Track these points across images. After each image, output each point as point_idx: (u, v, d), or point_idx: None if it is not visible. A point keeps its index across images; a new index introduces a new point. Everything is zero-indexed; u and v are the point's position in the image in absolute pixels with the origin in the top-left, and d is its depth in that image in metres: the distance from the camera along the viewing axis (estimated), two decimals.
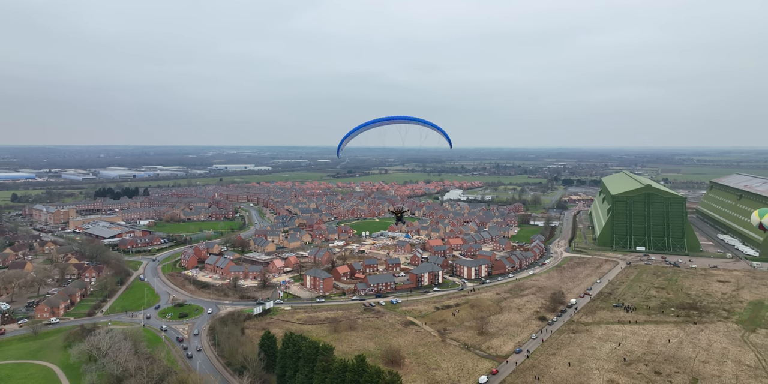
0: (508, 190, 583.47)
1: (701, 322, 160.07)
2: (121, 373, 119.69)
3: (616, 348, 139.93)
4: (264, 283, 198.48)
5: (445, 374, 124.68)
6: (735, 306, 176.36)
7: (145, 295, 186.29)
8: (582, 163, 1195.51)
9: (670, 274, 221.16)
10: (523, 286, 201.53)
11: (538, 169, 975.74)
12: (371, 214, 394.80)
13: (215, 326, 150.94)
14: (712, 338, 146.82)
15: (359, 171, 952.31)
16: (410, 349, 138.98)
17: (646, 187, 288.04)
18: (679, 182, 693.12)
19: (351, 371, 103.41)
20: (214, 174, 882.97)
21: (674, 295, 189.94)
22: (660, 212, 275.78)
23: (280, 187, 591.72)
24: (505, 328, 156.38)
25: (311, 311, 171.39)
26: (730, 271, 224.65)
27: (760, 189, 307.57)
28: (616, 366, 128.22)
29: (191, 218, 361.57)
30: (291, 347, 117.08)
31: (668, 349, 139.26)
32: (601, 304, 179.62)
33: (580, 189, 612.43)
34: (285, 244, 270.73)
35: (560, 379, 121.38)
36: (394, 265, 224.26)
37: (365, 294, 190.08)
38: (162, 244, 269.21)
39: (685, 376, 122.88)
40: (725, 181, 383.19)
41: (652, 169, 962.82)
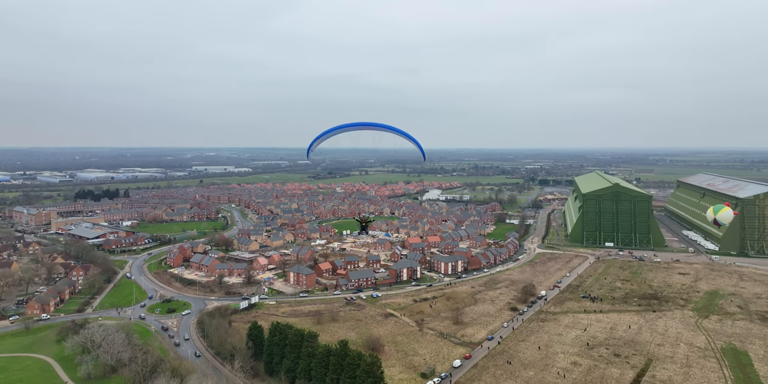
0: (486, 190, 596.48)
1: (660, 310, 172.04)
2: (115, 363, 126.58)
3: (580, 334, 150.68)
4: (249, 280, 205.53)
5: (422, 359, 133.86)
6: (692, 295, 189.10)
7: (133, 292, 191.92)
8: (559, 163, 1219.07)
9: (636, 267, 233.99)
10: (497, 280, 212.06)
11: (516, 170, 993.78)
12: (352, 214, 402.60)
13: (203, 320, 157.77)
14: (669, 324, 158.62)
15: (340, 172, 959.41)
16: (390, 337, 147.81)
17: (615, 185, 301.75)
18: (650, 182, 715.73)
19: (334, 355, 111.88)
20: (193, 176, 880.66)
21: (638, 286, 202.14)
22: (628, 209, 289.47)
23: (261, 188, 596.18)
24: (479, 318, 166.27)
25: (295, 305, 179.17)
26: (691, 264, 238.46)
27: (722, 187, 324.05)
28: (580, 350, 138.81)
29: (174, 219, 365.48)
30: (278, 336, 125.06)
31: (628, 334, 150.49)
32: (570, 295, 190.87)
33: (555, 189, 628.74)
34: (268, 242, 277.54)
35: (528, 362, 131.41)
36: (374, 261, 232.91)
37: (347, 289, 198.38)
38: (146, 244, 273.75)
39: (642, 357, 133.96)
40: (691, 180, 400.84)
41: (626, 169, 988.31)
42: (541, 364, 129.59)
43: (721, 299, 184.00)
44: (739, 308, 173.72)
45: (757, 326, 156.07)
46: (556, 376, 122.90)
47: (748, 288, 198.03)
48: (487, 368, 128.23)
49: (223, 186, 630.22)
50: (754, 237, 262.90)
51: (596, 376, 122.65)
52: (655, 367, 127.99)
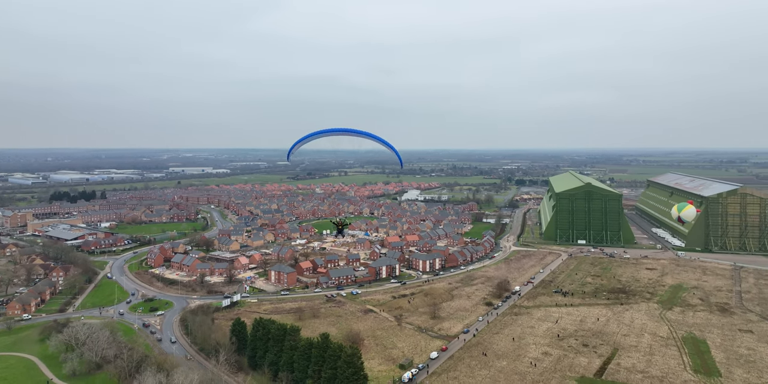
0: (464, 191, 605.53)
1: (627, 303, 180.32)
2: (100, 360, 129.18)
3: (552, 326, 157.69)
4: (230, 279, 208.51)
5: (401, 352, 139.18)
6: (658, 289, 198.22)
7: (114, 291, 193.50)
8: (535, 164, 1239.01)
9: (606, 263, 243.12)
10: (474, 277, 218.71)
11: (493, 170, 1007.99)
12: (332, 214, 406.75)
13: (186, 317, 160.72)
14: (635, 316, 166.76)
15: (319, 173, 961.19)
16: (369, 332, 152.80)
17: (587, 185, 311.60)
18: (623, 181, 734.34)
19: (316, 348, 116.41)
20: (171, 177, 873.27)
21: (607, 281, 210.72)
22: (599, 208, 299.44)
23: (240, 189, 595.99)
24: (456, 312, 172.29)
25: (276, 303, 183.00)
26: (658, 260, 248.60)
27: (688, 186, 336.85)
28: (551, 341, 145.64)
29: (153, 220, 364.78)
30: (261, 330, 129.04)
31: (596, 326, 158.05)
32: (542, 290, 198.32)
33: (532, 189, 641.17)
34: (249, 242, 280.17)
35: (502, 352, 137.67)
36: (354, 260, 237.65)
37: (327, 286, 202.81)
38: (126, 244, 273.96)
39: (608, 347, 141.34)
40: (660, 179, 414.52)
41: (601, 169, 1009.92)
42: (513, 355, 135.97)
43: (684, 292, 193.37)
44: (700, 300, 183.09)
45: (715, 317, 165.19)
46: (528, 365, 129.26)
47: (709, 281, 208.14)
48: (463, 359, 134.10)
49: (201, 187, 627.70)
50: (718, 234, 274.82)
51: (565, 365, 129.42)
52: (621, 355, 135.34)
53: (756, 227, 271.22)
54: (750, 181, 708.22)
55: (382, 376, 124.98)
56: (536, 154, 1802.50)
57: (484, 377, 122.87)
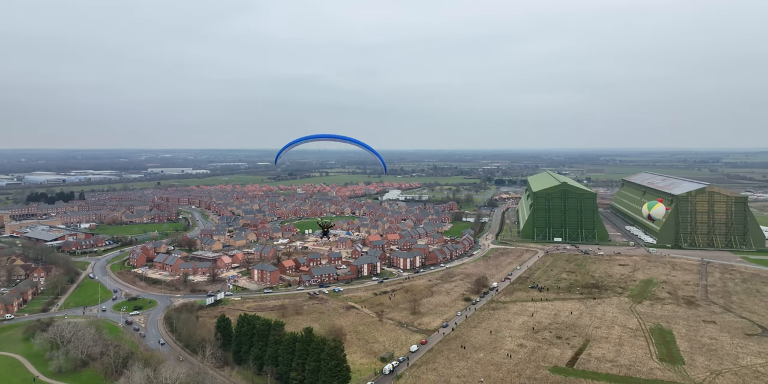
0: (444, 190, 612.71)
1: (600, 298, 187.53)
2: (86, 358, 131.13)
3: (527, 320, 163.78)
4: (213, 278, 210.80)
5: (382, 346, 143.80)
6: (629, 284, 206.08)
7: (97, 291, 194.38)
8: (515, 164, 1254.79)
9: (581, 260, 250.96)
10: (453, 274, 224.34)
11: (474, 170, 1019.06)
12: (313, 214, 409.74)
13: (170, 315, 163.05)
14: (606, 309, 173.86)
15: (300, 173, 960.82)
16: (351, 327, 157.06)
17: (563, 184, 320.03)
18: (600, 181, 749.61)
19: (300, 341, 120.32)
20: (150, 178, 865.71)
21: (581, 277, 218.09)
22: (575, 206, 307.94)
23: (221, 190, 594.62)
24: (435, 308, 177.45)
25: (260, 300, 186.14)
26: (630, 257, 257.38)
27: (660, 185, 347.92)
28: (526, 333, 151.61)
29: (133, 221, 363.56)
30: (246, 326, 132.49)
31: (570, 319, 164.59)
32: (519, 286, 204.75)
33: (511, 188, 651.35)
34: (231, 242, 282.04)
35: (479, 345, 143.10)
36: (336, 258, 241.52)
37: (310, 284, 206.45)
38: (107, 245, 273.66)
39: (580, 338, 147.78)
40: (634, 178, 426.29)
41: (579, 169, 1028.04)
42: (490, 347, 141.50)
43: (654, 287, 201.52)
44: (668, 294, 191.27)
45: (682, 309, 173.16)
46: (504, 356, 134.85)
47: (678, 276, 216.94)
48: (442, 352, 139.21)
49: (181, 188, 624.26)
50: (687, 231, 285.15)
51: (539, 356, 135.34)
52: (592, 346, 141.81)
53: (723, 224, 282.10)
54: (721, 180, 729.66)
55: (364, 368, 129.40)
56: (516, 155, 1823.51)
57: (461, 368, 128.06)
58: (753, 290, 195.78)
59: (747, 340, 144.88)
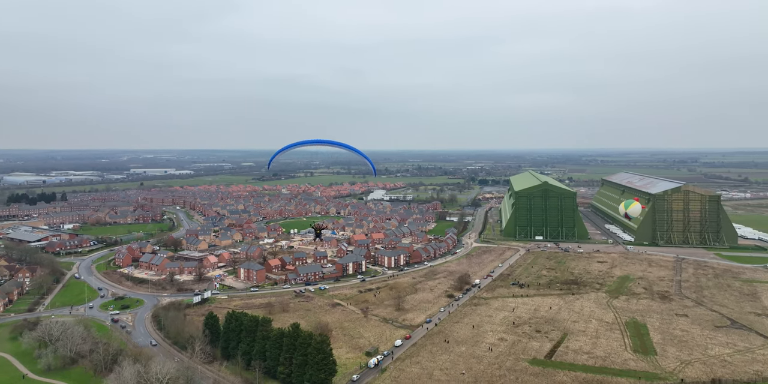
0: (429, 190, 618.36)
1: (578, 293, 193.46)
2: (75, 355, 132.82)
3: (508, 315, 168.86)
4: (200, 277, 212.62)
5: (367, 341, 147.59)
6: (607, 280, 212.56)
7: (84, 291, 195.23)
8: (498, 164, 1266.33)
9: (561, 257, 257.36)
10: (436, 272, 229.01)
11: (458, 171, 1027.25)
12: (299, 214, 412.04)
13: (158, 313, 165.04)
14: (584, 304, 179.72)
15: (285, 174, 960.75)
16: (337, 324, 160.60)
17: (544, 184, 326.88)
18: (581, 181, 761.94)
19: (287, 337, 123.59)
20: (132, 179, 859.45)
21: (561, 274, 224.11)
22: (555, 205, 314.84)
23: (205, 190, 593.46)
24: (419, 304, 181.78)
25: (246, 299, 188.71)
26: (609, 254, 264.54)
27: (638, 184, 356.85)
28: (507, 328, 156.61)
29: (117, 221, 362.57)
30: (233, 322, 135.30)
31: (549, 314, 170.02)
32: (500, 283, 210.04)
33: (494, 188, 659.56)
34: (217, 242, 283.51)
35: (462, 339, 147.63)
36: (321, 257, 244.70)
37: (296, 283, 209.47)
38: (92, 245, 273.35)
39: (559, 332, 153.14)
40: (613, 178, 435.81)
41: (561, 169, 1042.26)
42: (472, 341, 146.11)
43: (630, 282, 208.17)
44: (644, 289, 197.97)
45: (656, 303, 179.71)
46: (485, 350, 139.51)
47: (653, 272, 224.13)
48: (425, 346, 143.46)
49: (165, 188, 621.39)
50: (663, 228, 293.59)
51: (519, 349, 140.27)
52: (569, 339, 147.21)
53: (697, 222, 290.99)
54: (699, 179, 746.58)
55: (350, 362, 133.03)
56: (499, 155, 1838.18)
57: (444, 361, 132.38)
58: (724, 285, 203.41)
59: (716, 332, 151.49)
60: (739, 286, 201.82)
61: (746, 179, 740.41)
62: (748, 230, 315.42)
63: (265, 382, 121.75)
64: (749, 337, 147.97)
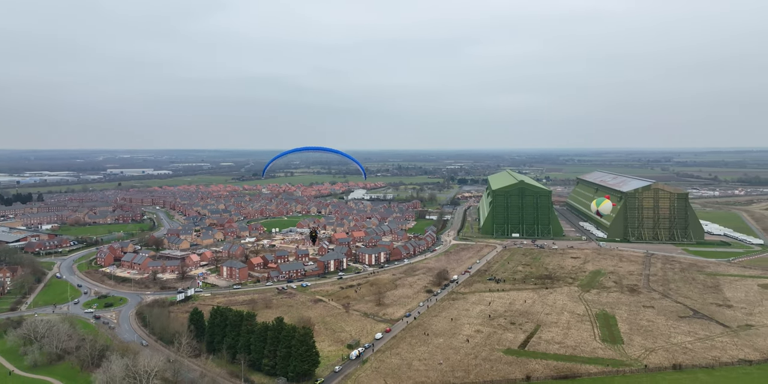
0: (409, 189, 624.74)
1: (552, 288, 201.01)
2: (60, 352, 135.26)
3: (485, 308, 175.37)
4: (183, 276, 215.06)
5: (349, 335, 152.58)
6: (579, 275, 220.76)
7: (66, 290, 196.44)
8: (478, 163, 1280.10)
9: (536, 254, 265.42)
10: (416, 268, 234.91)
11: (437, 170, 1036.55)
12: (279, 213, 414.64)
13: (142, 311, 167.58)
14: (557, 298, 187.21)
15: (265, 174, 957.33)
16: (319, 318, 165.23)
17: (520, 182, 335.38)
18: (558, 180, 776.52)
19: (271, 330, 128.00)
20: (110, 179, 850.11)
21: (536, 269, 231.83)
22: (531, 203, 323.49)
23: (185, 190, 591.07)
24: (399, 299, 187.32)
25: (229, 296, 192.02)
26: (582, 250, 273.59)
27: (611, 183, 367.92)
28: (483, 320, 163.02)
29: (96, 222, 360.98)
30: (218, 318, 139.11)
31: (524, 307, 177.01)
32: (478, 278, 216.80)
33: (473, 187, 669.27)
34: (198, 241, 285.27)
35: (440, 331, 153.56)
36: (303, 255, 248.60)
37: (278, 280, 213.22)
38: (72, 245, 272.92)
39: (532, 324, 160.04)
40: (587, 177, 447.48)
41: (539, 169, 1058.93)
42: (450, 333, 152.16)
43: (602, 277, 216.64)
44: (614, 283, 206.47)
45: (625, 296, 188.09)
46: (462, 341, 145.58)
47: (624, 267, 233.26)
48: (405, 338, 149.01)
49: (143, 189, 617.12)
50: (635, 225, 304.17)
51: (494, 340, 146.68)
52: (542, 330, 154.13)
53: (666, 219, 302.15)
54: (671, 178, 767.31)
55: (332, 355, 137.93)
56: (479, 155, 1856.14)
57: (423, 352, 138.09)
58: (689, 278, 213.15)
59: (679, 322, 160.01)
60: (703, 279, 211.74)
61: (716, 178, 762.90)
62: (715, 227, 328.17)
63: (250, 374, 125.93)
64: (710, 326, 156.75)
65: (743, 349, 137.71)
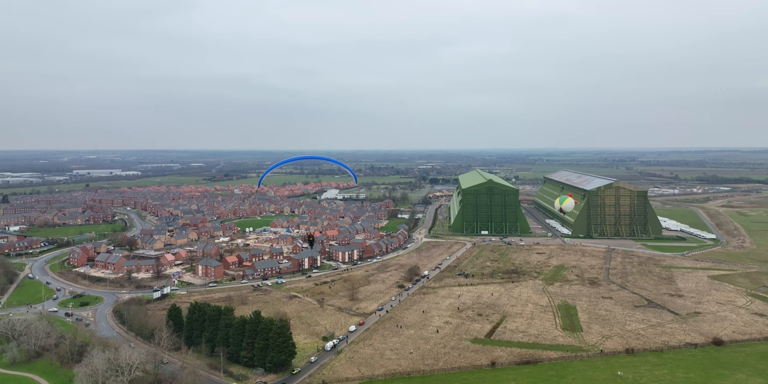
0: (381, 189, 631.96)
1: (518, 281, 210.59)
2: (39, 349, 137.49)
3: (454, 301, 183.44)
4: (158, 275, 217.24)
5: (324, 328, 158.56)
6: (544, 269, 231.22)
7: (39, 290, 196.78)
8: (449, 163, 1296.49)
9: (504, 250, 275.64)
10: (388, 265, 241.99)
11: (410, 170, 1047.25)
12: (253, 213, 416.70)
13: (119, 309, 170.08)
14: (522, 291, 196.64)
15: (236, 174, 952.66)
16: (295, 313, 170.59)
17: (489, 181, 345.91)
18: (527, 179, 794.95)
19: (249, 323, 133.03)
20: (76, 180, 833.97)
21: (503, 264, 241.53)
22: (499, 202, 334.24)
23: (155, 191, 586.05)
24: (372, 294, 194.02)
25: (206, 293, 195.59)
26: (547, 246, 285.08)
27: (576, 181, 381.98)
28: (452, 313, 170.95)
29: (66, 223, 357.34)
30: (197, 313, 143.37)
31: (491, 299, 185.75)
32: (448, 273, 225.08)
33: (444, 187, 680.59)
34: (172, 241, 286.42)
35: (411, 323, 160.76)
36: (277, 254, 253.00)
37: (253, 278, 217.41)
38: (43, 247, 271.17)
39: (498, 315, 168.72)
40: (554, 176, 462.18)
41: (509, 168, 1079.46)
42: (420, 325, 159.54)
43: (565, 271, 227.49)
44: (576, 276, 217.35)
45: (586, 288, 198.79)
46: (432, 332, 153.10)
47: (586, 261, 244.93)
48: (377, 330, 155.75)
49: (112, 190, 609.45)
50: (597, 222, 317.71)
51: (462, 330, 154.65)
52: (507, 321, 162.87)
53: (627, 216, 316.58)
54: (635, 177, 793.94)
55: (308, 346, 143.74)
56: (451, 155, 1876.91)
57: (395, 343, 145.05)
58: (646, 271, 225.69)
59: (634, 311, 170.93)
60: (658, 271, 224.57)
61: (677, 177, 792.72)
62: (672, 223, 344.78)
63: (228, 366, 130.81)
64: (662, 314, 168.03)
65: (690, 334, 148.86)
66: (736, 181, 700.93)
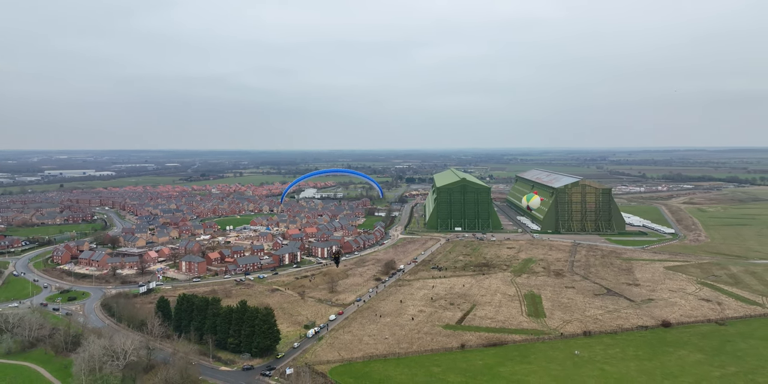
0: (358, 188, 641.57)
1: (488, 274, 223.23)
2: (33, 340, 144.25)
3: (428, 292, 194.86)
4: (142, 271, 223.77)
5: (305, 317, 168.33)
6: (513, 262, 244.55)
7: (26, 287, 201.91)
8: (426, 163, 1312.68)
9: (476, 245, 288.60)
10: (366, 260, 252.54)
11: (387, 169, 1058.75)
12: (232, 212, 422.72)
13: (107, 303, 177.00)
14: (492, 282, 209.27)
15: (213, 174, 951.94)
16: (277, 305, 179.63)
17: (462, 180, 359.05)
18: (501, 178, 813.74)
19: (236, 312, 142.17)
20: (49, 181, 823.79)
21: (475, 258, 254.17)
22: (472, 199, 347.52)
23: (132, 191, 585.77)
24: (350, 287, 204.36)
25: (190, 288, 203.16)
26: (517, 241, 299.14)
27: (545, 180, 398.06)
28: (426, 302, 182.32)
29: (45, 223, 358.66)
30: (185, 304, 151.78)
31: (462, 290, 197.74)
32: (422, 267, 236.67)
33: (420, 186, 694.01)
34: (154, 239, 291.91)
35: (387, 312, 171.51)
36: (258, 250, 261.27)
37: (236, 273, 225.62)
38: (24, 245, 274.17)
39: (469, 304, 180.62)
40: (525, 175, 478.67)
41: (483, 167, 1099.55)
42: (396, 313, 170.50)
43: (532, 264, 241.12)
44: (543, 268, 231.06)
45: (551, 279, 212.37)
46: (407, 320, 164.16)
47: (553, 255, 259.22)
48: (356, 319, 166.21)
49: (88, 190, 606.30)
50: (564, 218, 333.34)
51: (435, 318, 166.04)
52: (477, 309, 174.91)
53: (593, 212, 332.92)
54: (604, 175, 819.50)
55: (291, 334, 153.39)
56: (427, 154, 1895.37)
57: (372, 330, 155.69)
58: (608, 263, 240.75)
59: (594, 299, 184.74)
60: (619, 263, 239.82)
61: (644, 175, 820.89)
62: (636, 219, 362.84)
63: (217, 352, 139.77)
64: (618, 301, 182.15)
65: (642, 318, 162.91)
66: (699, 180, 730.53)
